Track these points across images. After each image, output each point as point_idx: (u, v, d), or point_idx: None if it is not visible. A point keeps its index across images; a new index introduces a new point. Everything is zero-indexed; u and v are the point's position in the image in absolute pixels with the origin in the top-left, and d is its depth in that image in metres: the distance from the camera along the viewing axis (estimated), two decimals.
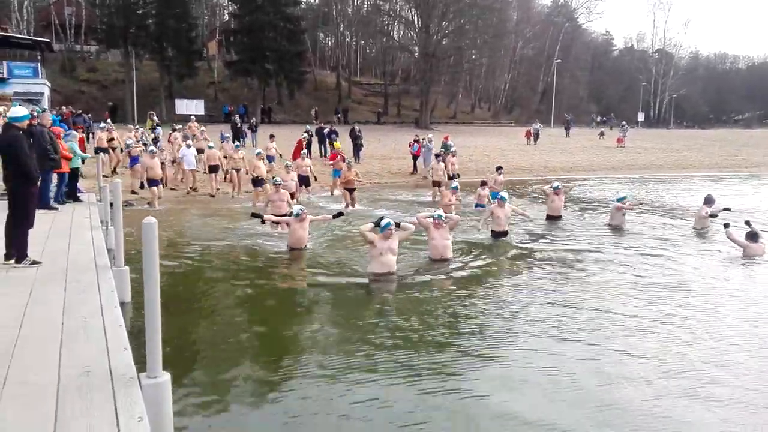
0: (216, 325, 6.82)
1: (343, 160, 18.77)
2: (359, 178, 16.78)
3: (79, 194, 12.53)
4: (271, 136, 22.23)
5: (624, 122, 46.18)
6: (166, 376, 3.98)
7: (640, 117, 71.42)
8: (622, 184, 23.42)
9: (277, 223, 10.96)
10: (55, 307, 5.31)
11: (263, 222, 10.95)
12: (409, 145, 24.54)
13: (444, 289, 8.27)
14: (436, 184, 17.57)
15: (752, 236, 10.43)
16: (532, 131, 38.66)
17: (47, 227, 9.02)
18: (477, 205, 15.44)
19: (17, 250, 6.73)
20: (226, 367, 5.59)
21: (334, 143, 22.91)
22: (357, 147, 24.74)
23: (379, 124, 48.37)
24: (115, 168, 19.32)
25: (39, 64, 35.70)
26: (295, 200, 14.28)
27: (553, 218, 13.86)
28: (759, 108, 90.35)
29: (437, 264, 9.36)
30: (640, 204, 15.13)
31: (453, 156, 20.41)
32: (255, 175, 16.08)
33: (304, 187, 17.01)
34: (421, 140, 24.17)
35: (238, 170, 17.57)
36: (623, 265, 9.74)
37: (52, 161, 9.59)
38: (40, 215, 9.23)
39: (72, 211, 10.80)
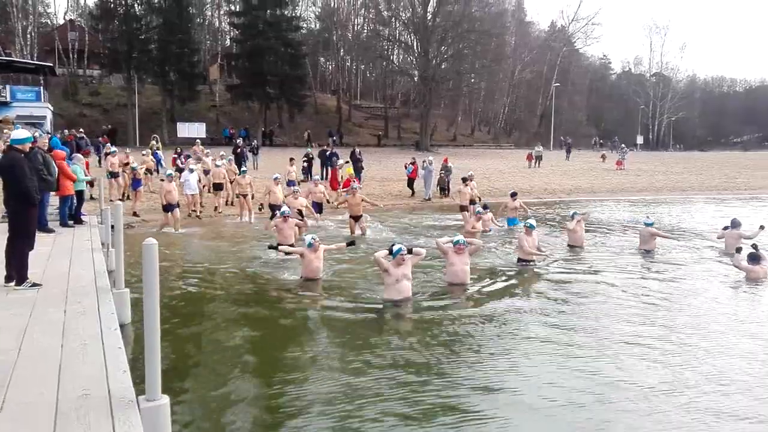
0: (217, 349, 6.75)
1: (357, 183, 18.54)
2: (370, 201, 15.99)
3: (81, 216, 12.53)
4: (291, 160, 22.20)
5: (623, 145, 46.40)
6: (165, 399, 3.94)
7: (639, 140, 71.80)
8: (623, 206, 23.45)
9: (290, 253, 10.48)
10: (54, 329, 5.28)
11: (278, 251, 10.65)
12: (405, 167, 24.60)
13: (460, 316, 7.89)
14: (463, 208, 16.69)
15: (754, 258, 10.37)
16: (534, 155, 38.30)
17: (48, 249, 9.02)
18: (509, 222, 15.44)
19: (17, 273, 6.72)
20: (226, 390, 5.54)
21: (347, 169, 22.20)
22: (358, 170, 24.76)
23: (380, 146, 48.62)
24: (126, 195, 18.97)
25: (42, 87, 36.05)
26: (305, 230, 13.67)
27: (575, 247, 13.06)
28: (757, 130, 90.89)
29: (454, 289, 9.12)
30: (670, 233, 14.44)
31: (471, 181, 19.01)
32: (270, 201, 15.53)
33: (318, 214, 16.00)
34: (416, 162, 24.27)
35: (245, 196, 16.88)
36: (654, 296, 9.23)
37: (45, 182, 9.55)
38: (41, 237, 9.25)
39: (73, 233, 10.80)
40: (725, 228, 13.30)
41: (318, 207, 16.21)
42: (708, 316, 8.18)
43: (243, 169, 18.47)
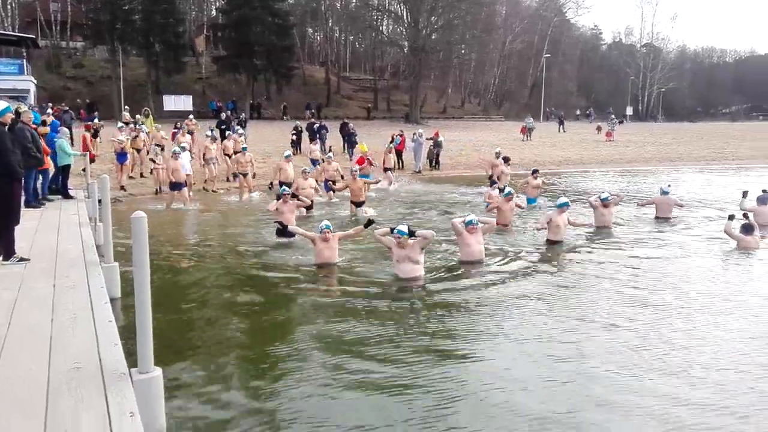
0: (211, 322, 6.73)
1: (371, 164, 17.85)
2: (372, 181, 15.39)
3: (69, 191, 12.40)
4: (312, 139, 21.96)
5: (613, 116, 46.33)
6: (158, 371, 3.94)
7: (629, 111, 71.79)
8: (614, 177, 23.55)
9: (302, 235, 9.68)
10: (43, 303, 5.24)
11: (284, 230, 10.01)
12: (392, 139, 24.42)
13: (469, 297, 7.62)
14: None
15: (747, 229, 10.41)
16: (527, 127, 37.45)
17: (35, 224, 8.92)
18: (529, 201, 14.92)
19: (4, 248, 6.64)
20: (220, 362, 5.55)
21: (360, 145, 20.84)
22: (351, 144, 24.54)
23: (369, 119, 48.26)
24: (141, 173, 18.41)
25: (25, 60, 35.29)
26: (311, 211, 13.39)
27: (602, 228, 12.33)
28: (746, 101, 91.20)
29: (468, 267, 8.92)
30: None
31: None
32: (281, 179, 14.70)
33: (331, 192, 15.56)
34: (404, 134, 24.16)
35: (245, 174, 16.38)
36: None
37: (34, 159, 9.40)
38: (28, 212, 9.15)
39: (59, 208, 10.69)
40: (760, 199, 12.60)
41: (329, 185, 15.69)
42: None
43: (243, 146, 17.64)
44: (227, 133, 22.34)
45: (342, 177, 15.34)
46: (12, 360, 4.05)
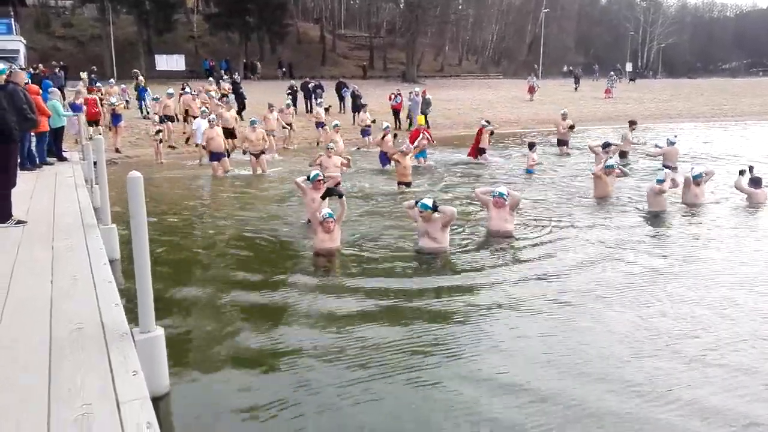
0: (214, 283, 6.69)
1: (430, 140, 15.45)
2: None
3: (63, 153, 12.29)
4: (324, 107, 21.65)
5: (612, 73, 45.72)
6: (160, 331, 3.97)
7: (628, 67, 70.86)
8: (613, 133, 23.37)
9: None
10: (43, 266, 5.25)
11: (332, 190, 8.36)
12: (389, 98, 24.12)
13: (491, 272, 7.04)
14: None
15: (755, 182, 10.38)
16: (535, 86, 35.60)
17: (31, 187, 8.87)
18: (528, 171, 14.10)
19: (0, 210, 6.61)
20: (222, 321, 5.58)
21: (418, 117, 18.33)
22: (356, 108, 23.60)
23: (365, 78, 47.62)
24: (187, 139, 17.82)
25: (12, 20, 34.47)
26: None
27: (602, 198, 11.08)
28: (746, 57, 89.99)
29: (495, 240, 8.31)
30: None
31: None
32: (331, 146, 12.28)
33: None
34: (402, 93, 23.85)
35: (257, 156, 14.13)
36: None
37: (30, 121, 9.24)
38: (23, 175, 9.08)
39: (55, 171, 10.61)
40: None
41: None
42: None
43: (252, 119, 15.25)
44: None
45: (348, 161, 12.14)
46: (14, 322, 4.06)
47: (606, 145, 13.08)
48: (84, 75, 27.28)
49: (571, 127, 17.95)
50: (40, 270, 5.14)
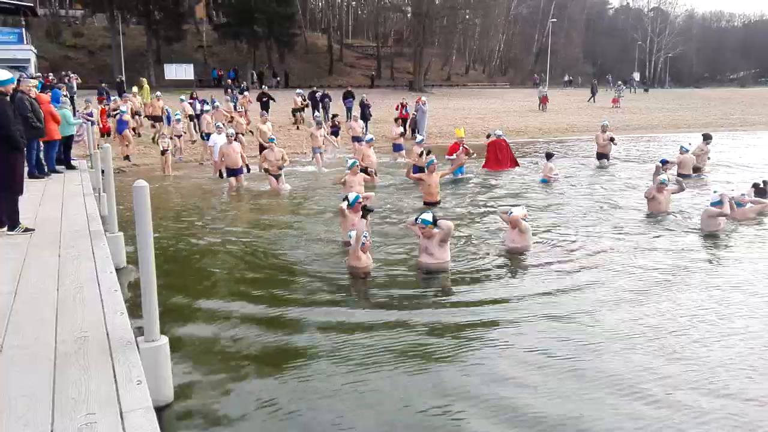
0: (220, 293, 6.67)
1: (468, 152, 14.75)
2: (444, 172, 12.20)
3: (71, 161, 12.37)
4: (314, 108, 21.70)
5: (620, 82, 45.68)
6: (164, 340, 3.97)
7: (636, 77, 70.78)
8: (625, 144, 23.28)
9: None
10: (49, 273, 5.27)
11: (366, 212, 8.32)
12: (396, 108, 24.18)
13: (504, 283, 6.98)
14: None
15: (761, 193, 10.54)
16: (548, 97, 35.33)
17: (39, 195, 8.93)
18: (542, 180, 13.70)
19: (9, 218, 6.65)
20: (227, 331, 5.56)
21: (457, 130, 16.18)
22: (365, 118, 23.34)
23: (373, 87, 47.78)
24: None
25: (24, 29, 34.85)
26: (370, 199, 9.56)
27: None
28: (754, 66, 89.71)
29: (511, 256, 8.05)
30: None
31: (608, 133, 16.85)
32: (364, 164, 11.96)
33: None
34: (406, 103, 23.87)
35: (277, 177, 13.03)
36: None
37: (35, 129, 9.29)
38: (31, 183, 9.15)
39: (63, 179, 10.68)
40: None
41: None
42: None
43: (270, 136, 14.23)
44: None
45: (372, 177, 11.69)
46: (19, 329, 4.07)
47: (664, 162, 12.23)
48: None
49: (612, 140, 16.61)
50: (46, 277, 5.16)
